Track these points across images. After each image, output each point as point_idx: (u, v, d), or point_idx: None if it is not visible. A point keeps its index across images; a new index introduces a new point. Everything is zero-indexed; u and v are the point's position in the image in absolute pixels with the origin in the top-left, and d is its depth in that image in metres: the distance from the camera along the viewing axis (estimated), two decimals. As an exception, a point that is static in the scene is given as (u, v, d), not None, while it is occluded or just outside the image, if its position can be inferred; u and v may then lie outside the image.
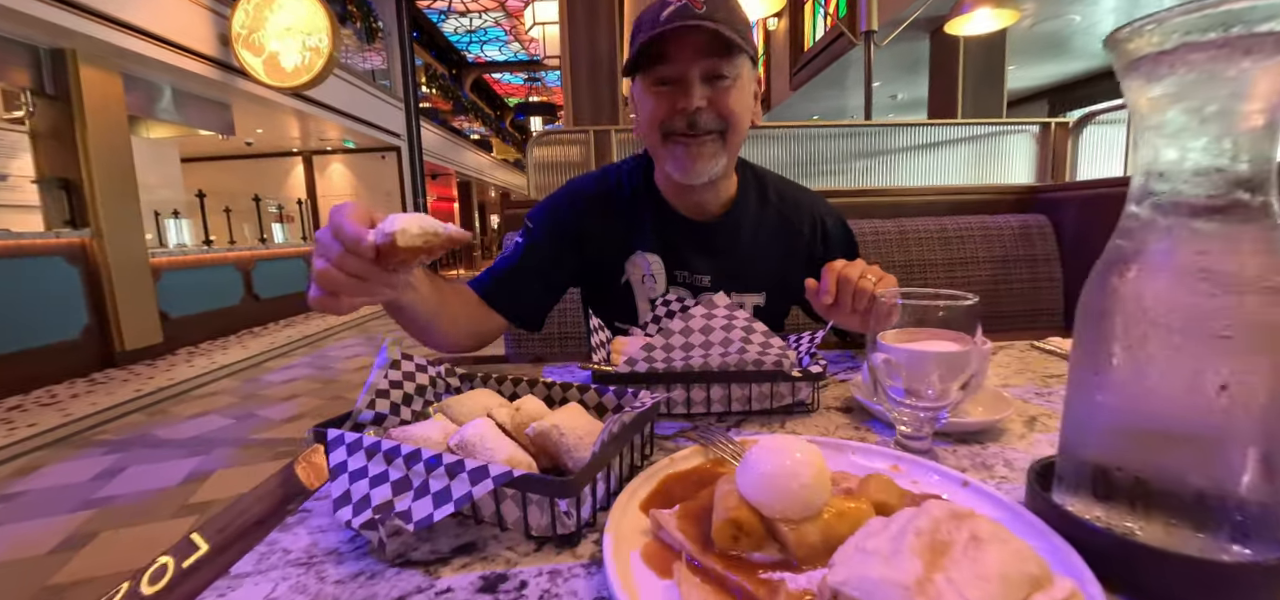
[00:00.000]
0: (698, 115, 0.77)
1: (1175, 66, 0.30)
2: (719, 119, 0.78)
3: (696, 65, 0.76)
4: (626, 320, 0.90)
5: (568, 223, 0.91)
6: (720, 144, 0.80)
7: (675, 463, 0.46)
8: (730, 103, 0.78)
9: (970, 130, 1.95)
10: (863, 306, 0.69)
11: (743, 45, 0.76)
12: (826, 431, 0.58)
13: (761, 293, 0.92)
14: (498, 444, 0.42)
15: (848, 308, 0.70)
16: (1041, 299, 1.63)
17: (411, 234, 0.47)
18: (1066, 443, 0.39)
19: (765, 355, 0.57)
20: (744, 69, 0.80)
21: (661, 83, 0.79)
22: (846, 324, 0.73)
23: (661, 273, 0.89)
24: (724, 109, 0.78)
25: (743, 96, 0.80)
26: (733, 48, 0.75)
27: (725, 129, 0.79)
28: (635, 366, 0.58)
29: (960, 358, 0.47)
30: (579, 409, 0.48)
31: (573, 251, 0.91)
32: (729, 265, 0.90)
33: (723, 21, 0.75)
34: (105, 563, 1.86)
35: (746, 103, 0.81)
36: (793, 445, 0.34)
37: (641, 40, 0.76)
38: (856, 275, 0.69)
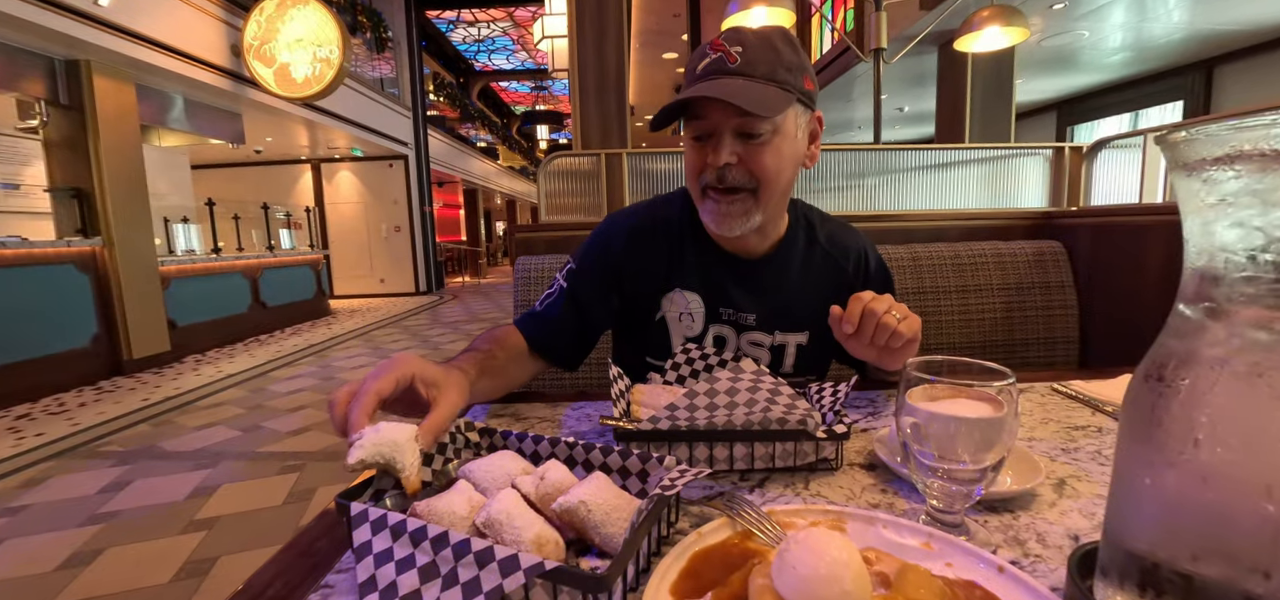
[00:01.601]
0: (727, 171, 0.76)
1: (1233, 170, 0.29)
2: (750, 177, 0.76)
3: (728, 121, 0.74)
4: (659, 357, 0.87)
5: (608, 262, 0.90)
6: (752, 201, 0.78)
7: (703, 538, 0.45)
8: (763, 161, 0.76)
9: (982, 153, 1.94)
10: (882, 342, 0.69)
11: (778, 106, 0.73)
12: (852, 494, 0.57)
13: (804, 332, 0.90)
14: (526, 522, 0.42)
15: (867, 339, 0.70)
16: (1056, 327, 1.61)
17: (367, 463, 0.48)
18: (1111, 533, 0.38)
19: (790, 414, 0.56)
20: (787, 121, 0.77)
21: (698, 138, 0.78)
22: (865, 356, 0.73)
23: (701, 311, 0.88)
24: (756, 167, 0.76)
25: (779, 152, 0.77)
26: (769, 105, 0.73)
27: (756, 187, 0.77)
28: (658, 424, 0.57)
29: (995, 425, 0.47)
30: (605, 481, 0.47)
31: (614, 290, 0.90)
32: (775, 303, 0.89)
33: (762, 74, 0.73)
34: (112, 581, 1.86)
35: (786, 156, 0.78)
36: (831, 546, 0.34)
37: (675, 97, 0.75)
38: (882, 309, 0.69)
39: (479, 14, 11.94)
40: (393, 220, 10.40)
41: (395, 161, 10.18)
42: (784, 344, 0.89)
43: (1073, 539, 0.49)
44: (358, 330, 6.88)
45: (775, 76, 0.74)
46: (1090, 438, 0.72)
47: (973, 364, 0.49)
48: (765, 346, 0.89)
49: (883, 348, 0.70)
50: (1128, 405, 0.36)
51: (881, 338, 0.69)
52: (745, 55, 0.73)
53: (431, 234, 10.85)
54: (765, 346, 0.89)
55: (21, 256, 4.08)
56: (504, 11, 11.81)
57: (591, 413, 0.82)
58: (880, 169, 2.11)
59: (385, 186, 10.32)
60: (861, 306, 0.69)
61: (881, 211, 1.95)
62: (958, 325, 1.56)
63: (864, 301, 0.70)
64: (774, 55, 0.74)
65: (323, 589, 0.43)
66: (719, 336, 0.88)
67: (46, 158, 4.71)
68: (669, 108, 0.76)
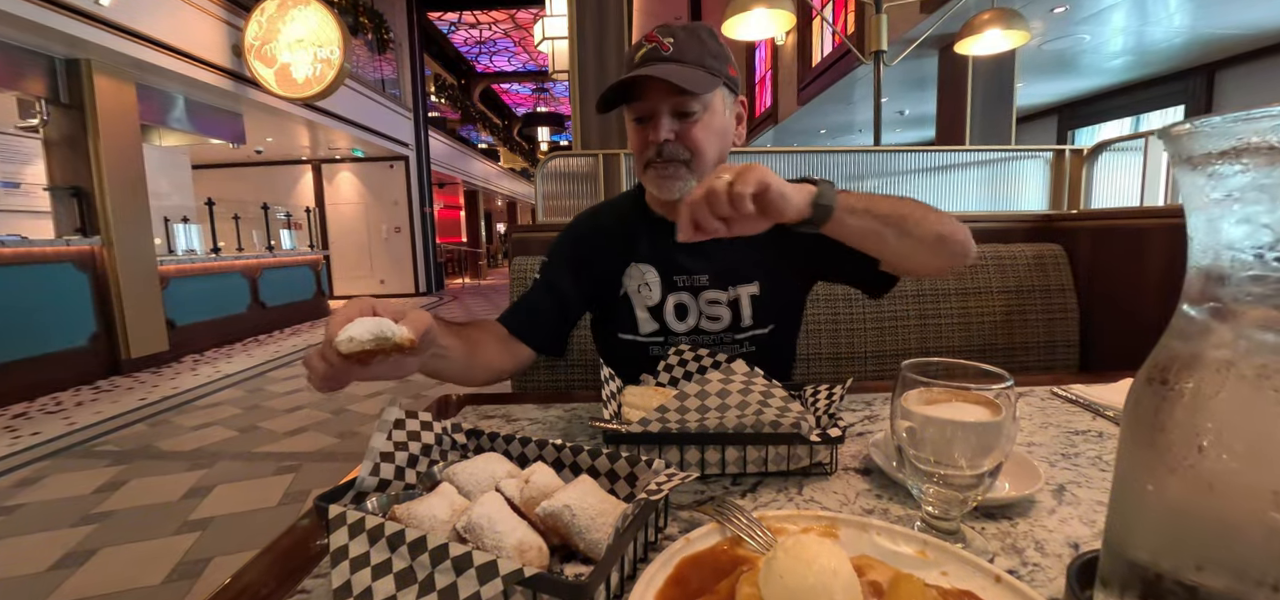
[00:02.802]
0: (665, 146, 0.85)
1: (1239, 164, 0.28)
2: (685, 149, 0.86)
3: (664, 102, 0.84)
4: (628, 331, 0.96)
5: (572, 251, 1.02)
6: (687, 170, 0.87)
7: (691, 543, 0.43)
8: (695, 135, 0.86)
9: (982, 155, 1.93)
10: (727, 212, 0.62)
11: (706, 86, 0.83)
12: (846, 499, 0.55)
13: (754, 282, 0.96)
14: (508, 526, 0.41)
15: (718, 223, 0.63)
16: (1056, 331, 1.60)
17: (359, 340, 0.53)
18: (1112, 541, 0.37)
19: (783, 417, 0.55)
20: (715, 100, 0.87)
21: (639, 120, 0.88)
22: (739, 232, 0.66)
23: (656, 281, 0.96)
24: (689, 141, 0.86)
25: (710, 128, 0.87)
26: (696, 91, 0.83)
27: (690, 159, 0.87)
28: (648, 426, 0.56)
29: (992, 429, 0.45)
30: (591, 484, 0.46)
31: (580, 275, 1.00)
32: (722, 262, 0.95)
33: (691, 60, 0.83)
34: (104, 581, 1.85)
35: (716, 131, 0.88)
36: (820, 554, 0.32)
37: (614, 82, 0.85)
38: (701, 194, 0.62)
39: (480, 16, 11.96)
40: (393, 221, 10.39)
41: (396, 162, 10.18)
42: (737, 297, 0.95)
43: (1072, 547, 0.48)
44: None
45: (703, 63, 0.84)
46: (1091, 443, 0.70)
47: (970, 366, 0.48)
48: (724, 303, 0.95)
49: (740, 215, 0.62)
50: (1129, 410, 0.35)
51: (722, 208, 0.62)
52: (676, 45, 0.83)
53: (432, 235, 10.84)
54: (724, 303, 0.95)
55: (20, 255, 4.08)
56: (505, 13, 11.83)
57: (582, 414, 0.80)
58: (880, 171, 2.10)
59: (386, 187, 10.31)
60: (688, 213, 0.63)
61: (881, 214, 1.94)
62: (957, 328, 1.55)
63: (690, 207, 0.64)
64: (701, 45, 0.85)
65: (299, 594, 0.42)
66: (680, 305, 0.95)
67: (46, 156, 4.70)
68: (611, 89, 0.84)
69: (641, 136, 0.88)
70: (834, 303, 1.52)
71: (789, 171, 2.08)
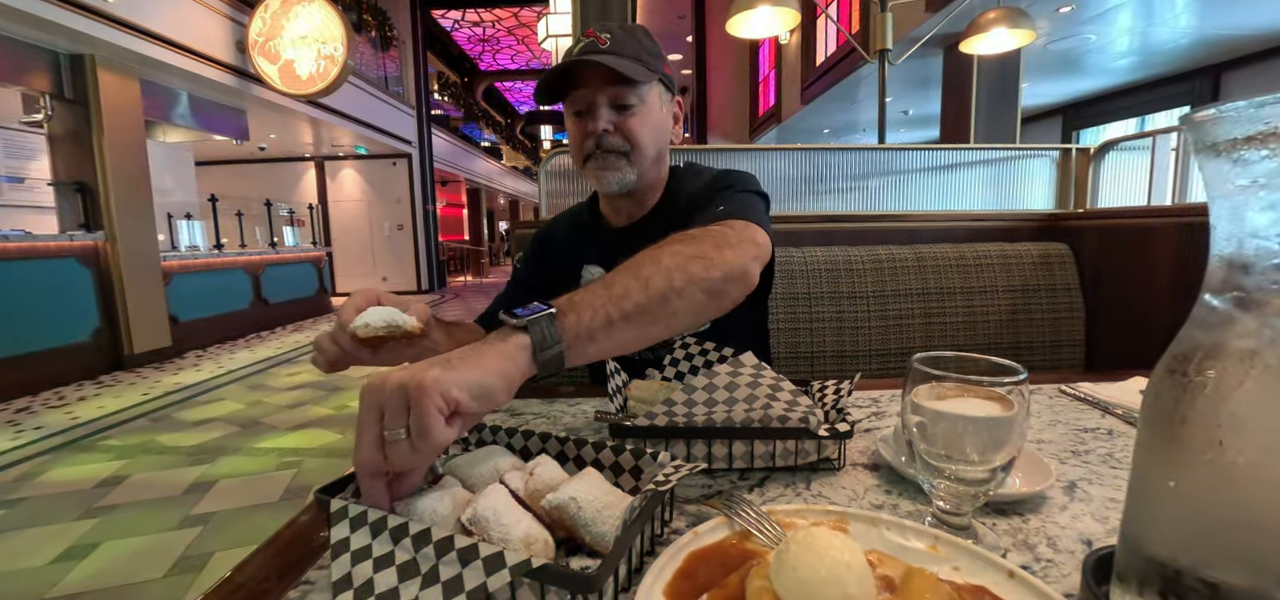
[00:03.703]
0: (604, 137, 0.86)
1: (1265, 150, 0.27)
2: (625, 141, 0.87)
3: (603, 93, 0.86)
4: None
5: (535, 251, 1.09)
6: (626, 162, 0.89)
7: (699, 537, 0.43)
8: (632, 126, 0.87)
9: (987, 154, 1.92)
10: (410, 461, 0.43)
11: (644, 77, 0.85)
12: (855, 494, 0.55)
13: None
14: (513, 519, 0.40)
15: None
16: (1062, 330, 1.59)
17: (373, 326, 0.57)
18: (1129, 536, 0.36)
19: (791, 412, 0.55)
20: (651, 96, 0.89)
21: (578, 114, 0.89)
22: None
23: None
24: (628, 132, 0.87)
25: (647, 122, 0.88)
26: (632, 80, 0.84)
27: (629, 151, 0.88)
28: (654, 420, 0.55)
29: (1005, 424, 0.45)
30: (596, 476, 0.45)
31: (545, 275, 1.06)
32: None
33: (628, 54, 0.84)
34: (106, 574, 1.85)
35: (653, 126, 0.89)
36: (833, 546, 0.32)
37: (551, 71, 0.86)
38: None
39: (484, 13, 11.95)
40: (396, 219, 10.40)
41: (399, 160, 10.19)
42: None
43: (1085, 544, 0.47)
44: (359, 328, 6.87)
45: (640, 58, 0.85)
46: (1100, 440, 0.70)
47: (981, 360, 0.47)
48: None
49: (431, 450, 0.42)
50: (1149, 402, 0.34)
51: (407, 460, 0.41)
52: (613, 40, 0.85)
53: (434, 233, 10.85)
54: None
55: (24, 249, 4.09)
56: (509, 11, 11.82)
57: (587, 409, 0.80)
58: (884, 170, 2.09)
59: (389, 185, 10.32)
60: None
61: (886, 212, 1.93)
62: (962, 327, 1.54)
63: None
64: (637, 42, 0.87)
65: (302, 585, 0.41)
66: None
67: (51, 152, 4.71)
68: (548, 77, 0.86)
69: (580, 129, 0.89)
70: (838, 300, 1.52)
71: (793, 170, 2.07)
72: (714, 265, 0.58)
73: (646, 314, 0.53)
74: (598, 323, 0.51)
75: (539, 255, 1.08)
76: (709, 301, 0.58)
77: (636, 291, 0.53)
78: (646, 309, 0.53)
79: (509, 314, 0.48)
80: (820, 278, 1.53)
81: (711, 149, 2.02)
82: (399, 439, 0.39)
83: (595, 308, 0.51)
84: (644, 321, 0.53)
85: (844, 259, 1.56)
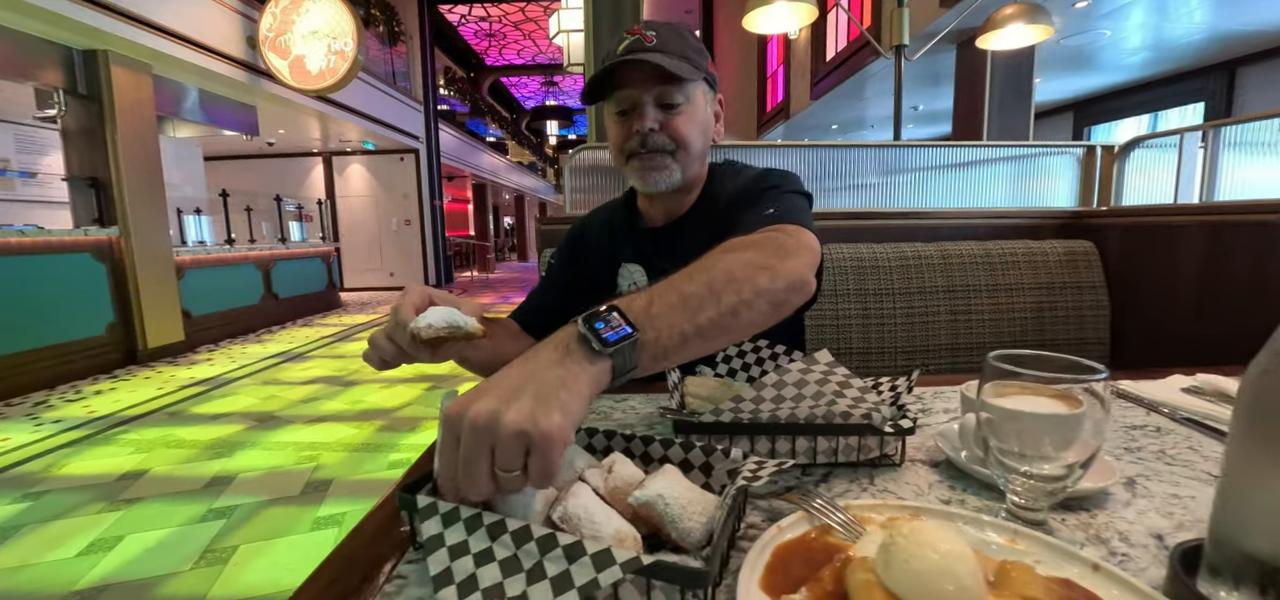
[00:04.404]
0: (650, 135, 0.86)
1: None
2: (670, 140, 0.87)
3: (649, 91, 0.85)
4: None
5: (568, 249, 1.08)
6: (672, 160, 0.88)
7: (783, 531, 0.43)
8: (679, 125, 0.87)
9: (1009, 150, 1.91)
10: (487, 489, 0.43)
11: (691, 75, 0.85)
12: (919, 490, 0.55)
13: None
14: (604, 517, 0.41)
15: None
16: (1087, 328, 1.59)
17: (435, 327, 0.57)
18: (1221, 531, 0.37)
19: (856, 408, 0.55)
20: (697, 94, 0.89)
21: (622, 113, 0.89)
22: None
23: (644, 278, 0.99)
24: (674, 131, 0.87)
25: (693, 121, 0.88)
26: (680, 78, 0.84)
27: (676, 150, 0.88)
28: (720, 416, 0.56)
29: (1086, 422, 0.45)
30: (676, 473, 0.46)
31: (576, 272, 1.05)
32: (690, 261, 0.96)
33: (674, 52, 0.84)
34: (133, 567, 1.87)
35: (698, 125, 0.89)
36: (943, 538, 0.32)
37: (599, 69, 0.86)
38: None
39: (490, 8, 11.94)
40: (403, 214, 10.43)
41: (406, 155, 10.21)
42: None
43: (1156, 538, 0.48)
44: (371, 323, 6.90)
45: (686, 55, 0.85)
46: (1150, 437, 0.70)
47: (1057, 358, 0.47)
48: None
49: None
50: (1249, 398, 0.35)
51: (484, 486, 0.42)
52: (659, 38, 0.84)
53: (441, 228, 10.87)
54: None
55: (40, 244, 4.12)
56: (515, 6, 11.81)
57: (635, 404, 0.81)
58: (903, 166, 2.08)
59: (396, 180, 10.34)
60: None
61: (908, 209, 1.93)
62: (988, 324, 1.54)
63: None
64: (682, 41, 0.87)
65: (397, 579, 0.42)
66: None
67: (64, 147, 4.74)
68: (597, 77, 0.86)
69: (624, 128, 0.88)
70: (864, 298, 1.52)
71: (802, 166, 2.06)
72: (778, 276, 0.57)
73: (717, 328, 0.52)
74: (674, 342, 0.50)
75: (573, 253, 1.08)
76: (772, 313, 0.57)
77: (710, 305, 0.52)
78: (718, 323, 0.52)
79: (591, 330, 0.46)
80: (846, 275, 1.53)
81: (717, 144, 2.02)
82: (513, 478, 0.40)
83: (673, 325, 0.50)
84: (713, 335, 0.52)
85: (869, 256, 1.56)
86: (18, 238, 4.00)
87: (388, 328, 0.62)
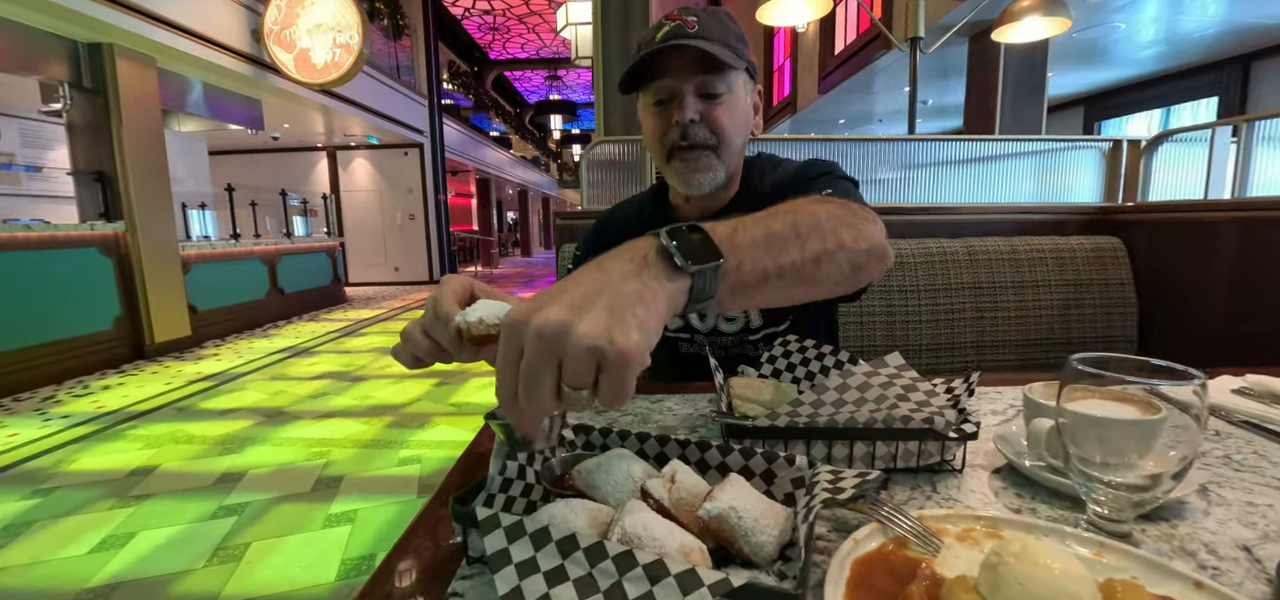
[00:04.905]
0: (691, 128, 0.82)
1: None
2: (711, 133, 0.83)
3: (690, 81, 0.82)
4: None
5: (599, 245, 1.06)
6: (714, 157, 0.85)
7: (859, 544, 0.41)
8: (720, 117, 0.83)
9: (1032, 145, 1.88)
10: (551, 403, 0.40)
11: (734, 63, 0.81)
12: (986, 497, 0.53)
13: None
14: (665, 533, 0.38)
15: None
16: (1114, 326, 1.56)
17: (487, 322, 0.51)
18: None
19: (918, 411, 0.53)
20: (738, 84, 0.85)
21: (660, 103, 0.84)
22: None
23: None
24: (715, 124, 0.83)
25: (734, 112, 0.84)
26: (723, 65, 0.80)
27: (717, 144, 0.84)
28: (775, 420, 0.53)
29: (1177, 430, 0.43)
30: (744, 483, 0.44)
31: None
32: None
33: (717, 39, 0.80)
34: (145, 565, 1.86)
35: (740, 117, 0.86)
36: (1058, 557, 0.30)
37: (638, 57, 0.82)
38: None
39: (494, 1, 11.88)
40: (407, 208, 10.41)
41: (410, 149, 10.18)
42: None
43: (1244, 549, 0.45)
44: (377, 324, 6.89)
45: (728, 42, 0.81)
46: (1212, 441, 0.68)
47: (1144, 362, 0.45)
48: None
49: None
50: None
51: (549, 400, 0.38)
52: (701, 24, 0.81)
53: (446, 223, 10.85)
54: None
55: (46, 239, 4.11)
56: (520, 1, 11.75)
57: (673, 406, 0.78)
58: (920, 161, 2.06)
59: (400, 174, 10.32)
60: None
61: (931, 204, 1.90)
62: (1014, 321, 1.52)
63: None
64: (724, 27, 0.83)
65: (453, 598, 0.40)
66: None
67: (69, 141, 4.73)
68: (636, 65, 0.82)
69: (663, 120, 0.84)
70: (888, 295, 1.49)
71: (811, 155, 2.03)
72: (861, 236, 0.52)
73: (798, 274, 0.47)
74: (754, 278, 0.45)
75: (599, 247, 1.05)
76: (852, 275, 0.52)
77: (793, 247, 0.47)
78: (799, 269, 0.47)
79: (675, 244, 0.41)
80: (869, 271, 1.50)
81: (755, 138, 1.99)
82: (581, 396, 0.36)
83: (756, 260, 0.45)
84: (793, 281, 0.47)
85: (894, 251, 1.53)
86: (24, 232, 3.99)
87: (424, 320, 0.55)
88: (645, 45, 0.82)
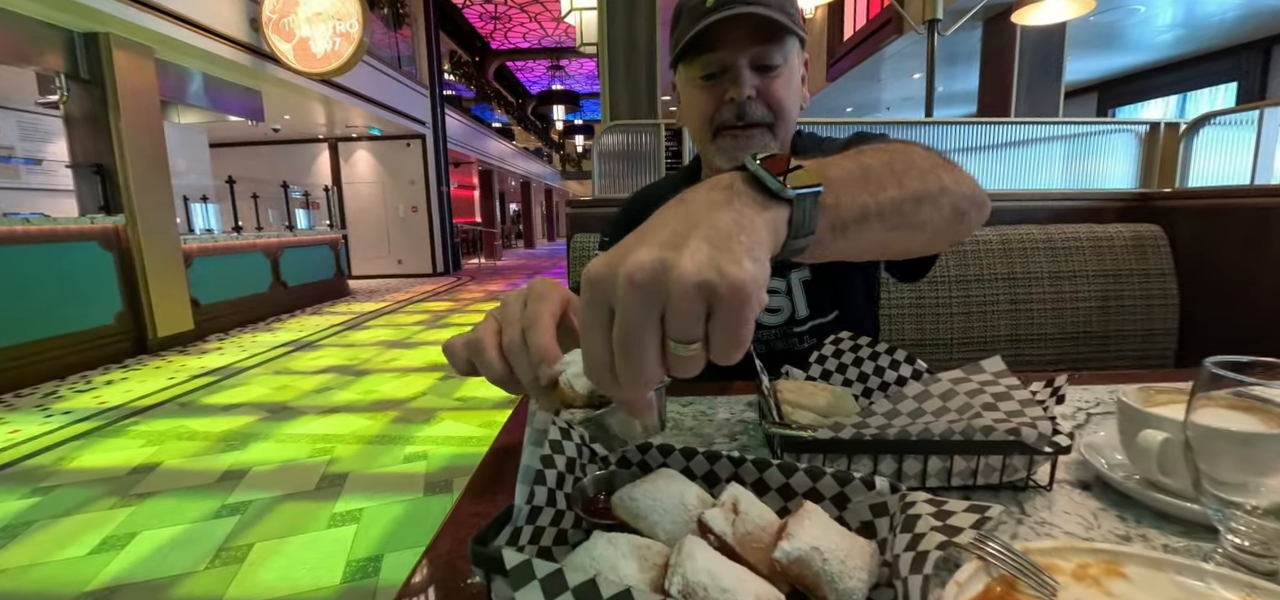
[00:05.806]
0: (747, 105, 0.74)
1: None
2: (768, 110, 0.75)
3: (745, 53, 0.73)
4: None
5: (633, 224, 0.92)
6: (769, 136, 0.76)
7: (962, 589, 0.34)
8: (778, 91, 0.75)
9: (1066, 129, 1.80)
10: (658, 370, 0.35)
11: (793, 28, 0.73)
12: (1083, 522, 0.46)
13: (805, 268, 0.86)
14: (733, 581, 0.31)
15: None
16: (1155, 318, 1.48)
17: (578, 393, 0.43)
18: None
19: (1002, 422, 0.46)
20: (793, 53, 0.77)
21: (708, 78, 0.76)
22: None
23: None
24: (773, 99, 0.75)
25: (790, 85, 0.76)
26: (783, 32, 0.72)
27: (774, 121, 0.76)
28: (839, 432, 0.46)
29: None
30: (824, 515, 0.37)
31: None
32: None
33: (773, 4, 0.71)
34: (146, 566, 1.81)
35: (796, 90, 0.78)
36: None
37: (688, 27, 0.72)
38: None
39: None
40: (410, 200, 10.34)
41: (413, 141, 10.10)
42: (790, 284, 0.86)
43: (1407, 592, 0.38)
44: (382, 316, 6.84)
45: (784, 8, 0.72)
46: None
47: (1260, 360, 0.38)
48: (782, 292, 0.86)
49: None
50: None
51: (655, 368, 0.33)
52: None
53: (448, 214, 10.78)
54: (782, 292, 0.86)
55: (46, 233, 4.05)
56: (521, -12, 11.61)
57: (703, 409, 0.71)
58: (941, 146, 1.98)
59: (402, 166, 10.25)
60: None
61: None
62: (1050, 314, 1.44)
63: None
64: None
65: (478, 651, 0.33)
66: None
67: (68, 133, 4.66)
68: (690, 35, 0.72)
69: (715, 97, 0.76)
70: (917, 284, 1.42)
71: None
72: (961, 179, 0.46)
73: (898, 214, 0.41)
74: (854, 215, 0.38)
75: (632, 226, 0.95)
76: (953, 222, 0.46)
77: (892, 185, 0.40)
78: (899, 208, 0.41)
79: (765, 170, 0.34)
80: (897, 261, 1.43)
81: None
82: (692, 356, 0.29)
83: (854, 195, 0.38)
84: (893, 224, 0.41)
85: (921, 241, 1.46)
86: (24, 226, 3.94)
87: (508, 341, 0.45)
88: (693, 13, 0.73)
